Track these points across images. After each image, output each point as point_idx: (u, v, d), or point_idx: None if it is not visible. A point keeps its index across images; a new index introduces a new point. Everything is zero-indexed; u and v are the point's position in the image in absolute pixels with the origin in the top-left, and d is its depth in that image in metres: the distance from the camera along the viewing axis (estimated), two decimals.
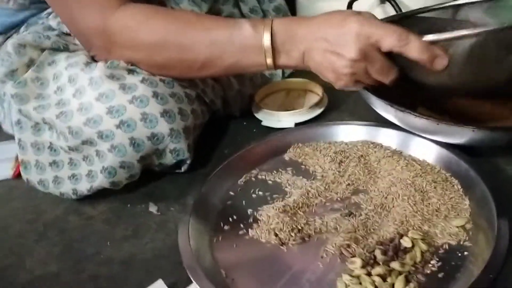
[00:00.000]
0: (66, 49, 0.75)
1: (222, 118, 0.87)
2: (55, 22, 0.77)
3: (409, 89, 0.69)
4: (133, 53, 0.70)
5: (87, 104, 0.67)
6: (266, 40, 0.65)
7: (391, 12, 0.92)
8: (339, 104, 0.88)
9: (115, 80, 0.68)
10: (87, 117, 0.67)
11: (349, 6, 0.90)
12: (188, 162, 0.74)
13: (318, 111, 0.85)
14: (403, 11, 0.90)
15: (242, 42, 0.67)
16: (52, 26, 0.77)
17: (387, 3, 0.93)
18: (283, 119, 0.84)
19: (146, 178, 0.73)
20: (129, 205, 0.71)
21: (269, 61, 0.67)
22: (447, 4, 0.80)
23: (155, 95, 0.68)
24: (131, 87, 0.68)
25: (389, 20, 0.83)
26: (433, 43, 0.61)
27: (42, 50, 0.75)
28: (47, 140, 0.72)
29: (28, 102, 0.72)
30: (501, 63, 0.62)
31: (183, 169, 0.74)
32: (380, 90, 0.70)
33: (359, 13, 0.65)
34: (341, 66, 0.64)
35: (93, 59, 0.73)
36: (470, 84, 0.65)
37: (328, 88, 0.89)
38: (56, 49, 0.75)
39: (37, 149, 0.73)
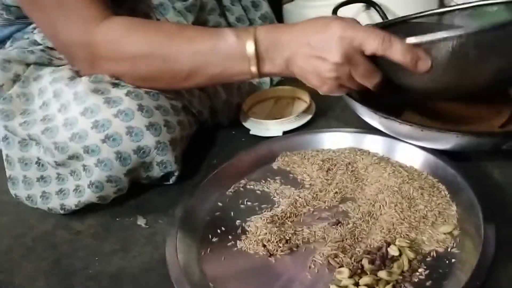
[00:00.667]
0: (50, 63, 0.75)
1: (210, 128, 0.87)
2: (40, 36, 0.76)
3: (395, 93, 0.69)
4: (117, 66, 0.70)
5: (72, 119, 0.67)
6: (250, 48, 0.66)
7: (377, 18, 0.92)
8: (326, 111, 0.88)
9: (99, 94, 0.68)
10: (72, 132, 0.66)
11: (334, 12, 0.90)
12: (176, 174, 0.73)
13: (306, 119, 0.85)
14: (389, 17, 0.91)
15: (226, 51, 0.67)
16: (37, 41, 0.76)
17: (372, 9, 0.93)
18: (271, 128, 0.84)
19: (135, 190, 0.73)
20: (117, 219, 0.71)
21: (254, 69, 0.67)
22: (432, 11, 0.81)
23: (140, 108, 0.68)
24: (116, 101, 0.68)
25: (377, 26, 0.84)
26: (415, 45, 0.61)
27: (27, 65, 0.75)
28: (34, 156, 0.72)
29: (14, 118, 0.71)
30: (483, 65, 0.63)
31: (171, 181, 0.74)
32: (367, 96, 0.70)
33: (342, 18, 0.65)
34: (325, 70, 0.64)
35: (78, 74, 0.73)
36: (453, 86, 0.65)
37: (315, 95, 0.90)
38: (40, 64, 0.75)
39: (25, 164, 0.72)
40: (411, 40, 0.61)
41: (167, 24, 0.77)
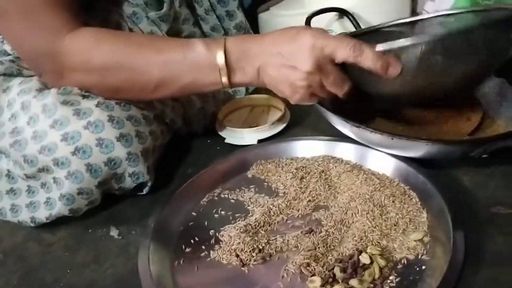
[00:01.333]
0: (20, 74, 0.74)
1: (185, 136, 0.87)
2: (10, 47, 0.75)
3: (365, 101, 0.70)
4: (85, 77, 0.69)
5: (41, 132, 0.66)
6: (220, 59, 0.66)
7: (350, 27, 0.93)
8: (301, 120, 0.88)
9: (69, 106, 0.67)
10: (41, 145, 0.66)
11: (308, 20, 0.90)
12: (149, 184, 0.73)
13: (281, 127, 0.85)
14: (362, 26, 0.92)
15: (196, 62, 0.67)
16: (7, 51, 0.75)
17: (345, 18, 0.94)
18: (246, 136, 0.84)
19: (108, 201, 0.72)
20: (90, 230, 0.70)
21: (224, 79, 0.67)
22: (404, 21, 0.82)
23: (111, 119, 0.68)
24: (86, 112, 0.67)
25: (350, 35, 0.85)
26: (385, 52, 0.63)
27: None
28: (4, 168, 0.71)
29: None
30: (450, 69, 0.64)
31: (144, 191, 0.74)
32: (340, 104, 0.71)
33: (312, 28, 0.66)
34: (297, 79, 0.64)
35: (46, 85, 0.72)
36: (422, 90, 0.67)
37: (290, 103, 0.91)
38: (10, 75, 0.74)
39: None
40: (381, 47, 0.62)
41: (136, 35, 0.76)
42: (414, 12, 1.04)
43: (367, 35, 0.83)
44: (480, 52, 0.64)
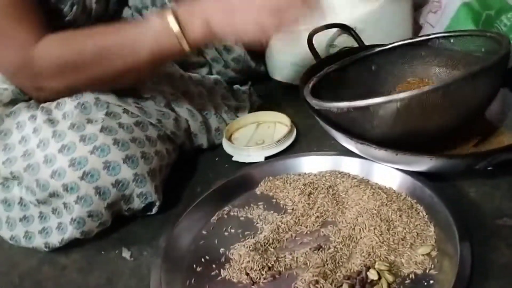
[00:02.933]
0: (25, 100, 0.76)
1: (192, 155, 0.88)
2: None
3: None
4: (62, 80, 0.71)
5: (51, 156, 0.68)
6: (172, 21, 0.68)
7: (353, 42, 0.94)
8: (307, 135, 0.89)
9: (75, 130, 0.69)
10: (52, 169, 0.67)
11: (310, 37, 0.91)
12: (157, 204, 0.74)
13: (287, 143, 0.86)
14: (364, 41, 0.93)
15: (154, 32, 0.69)
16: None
17: (348, 34, 0.95)
18: (253, 154, 0.85)
19: (119, 223, 0.74)
20: (102, 252, 0.71)
21: (182, 41, 0.69)
22: (406, 41, 0.84)
23: (116, 142, 0.69)
24: (91, 138, 0.69)
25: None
26: (364, 108, 0.65)
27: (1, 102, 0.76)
28: (16, 196, 0.73)
29: None
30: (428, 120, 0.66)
31: (153, 211, 0.75)
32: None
33: None
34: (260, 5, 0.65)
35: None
36: (408, 136, 0.68)
37: (296, 119, 0.92)
38: (15, 100, 0.76)
39: (8, 205, 0.73)
40: (361, 103, 0.65)
41: (95, 27, 0.76)
42: (416, 24, 1.04)
43: (370, 52, 0.85)
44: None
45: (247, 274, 0.61)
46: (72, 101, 0.73)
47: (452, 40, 0.79)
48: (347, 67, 0.83)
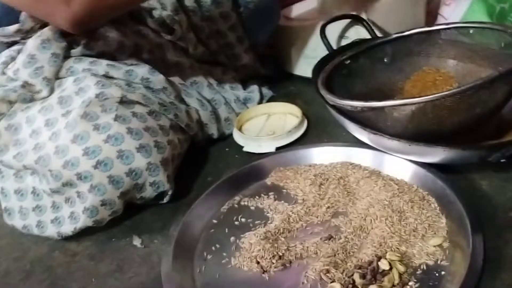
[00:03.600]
0: (32, 99, 0.76)
1: (203, 145, 0.88)
2: (12, 71, 0.77)
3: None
4: None
5: (63, 146, 0.68)
6: None
7: (365, 34, 0.93)
8: (318, 126, 0.89)
9: (88, 120, 0.69)
10: (65, 159, 0.68)
11: (323, 28, 0.91)
12: (169, 193, 0.74)
13: (298, 134, 0.86)
14: (376, 33, 0.92)
15: None
16: (12, 76, 0.77)
17: (361, 25, 0.94)
18: (264, 144, 0.85)
19: (130, 211, 0.74)
20: (113, 239, 0.72)
21: None
22: (421, 30, 0.83)
23: (130, 131, 0.70)
24: (105, 127, 0.69)
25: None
26: (379, 108, 0.65)
27: (10, 102, 0.76)
28: (30, 185, 0.74)
29: (7, 152, 0.73)
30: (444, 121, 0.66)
31: (165, 200, 0.75)
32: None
33: None
34: None
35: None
36: (421, 136, 0.67)
37: (307, 110, 0.92)
38: (23, 101, 0.76)
39: (21, 195, 0.74)
40: (375, 104, 0.65)
41: None
42: (429, 16, 1.04)
43: (383, 43, 0.84)
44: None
45: (258, 262, 0.61)
46: (85, 93, 0.73)
47: (471, 31, 0.78)
48: (361, 55, 0.83)
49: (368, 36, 0.92)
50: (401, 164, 0.71)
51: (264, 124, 0.92)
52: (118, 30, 0.82)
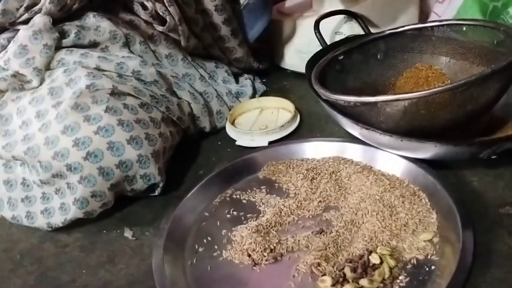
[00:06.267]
0: (22, 88, 0.75)
1: (196, 138, 0.88)
2: (3, 61, 0.77)
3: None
4: None
5: (53, 137, 0.68)
6: None
7: (359, 30, 0.94)
8: (310, 122, 0.89)
9: (79, 111, 0.69)
10: (54, 150, 0.67)
11: (317, 23, 0.91)
12: (160, 185, 0.74)
13: (291, 128, 0.86)
14: (370, 29, 0.92)
15: None
16: (2, 66, 0.76)
17: (354, 21, 0.94)
18: (257, 138, 0.85)
19: (121, 203, 0.74)
20: (104, 231, 0.71)
21: None
22: (414, 27, 0.83)
23: (121, 122, 0.69)
24: (96, 118, 0.68)
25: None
26: (372, 103, 0.65)
27: (0, 91, 0.75)
28: (19, 176, 0.73)
29: None
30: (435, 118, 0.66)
31: (156, 192, 0.75)
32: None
33: None
34: None
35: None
36: (413, 132, 0.67)
37: (300, 105, 0.92)
38: (13, 90, 0.75)
39: (10, 186, 0.73)
40: (368, 99, 0.65)
41: None
42: (422, 13, 1.04)
43: (377, 39, 0.84)
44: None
45: (249, 255, 0.61)
46: (76, 84, 0.73)
47: (464, 28, 0.78)
48: (354, 50, 0.83)
49: (361, 32, 0.92)
50: (392, 159, 0.72)
51: (257, 119, 0.92)
52: (110, 20, 0.81)
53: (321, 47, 0.90)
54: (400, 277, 0.55)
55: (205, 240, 0.66)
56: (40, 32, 0.76)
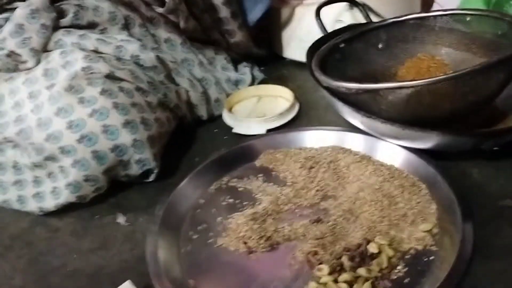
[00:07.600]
0: (16, 69, 0.74)
1: (191, 126, 0.87)
2: None
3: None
4: None
5: (46, 119, 0.66)
6: None
7: (360, 18, 0.92)
8: (309, 110, 0.88)
9: (73, 93, 0.67)
10: (47, 133, 0.66)
11: (318, 11, 0.90)
12: (155, 171, 0.73)
13: (289, 117, 0.85)
14: (372, 17, 0.91)
15: None
16: None
17: (356, 9, 0.93)
18: (254, 126, 0.83)
19: (114, 188, 0.72)
20: (97, 216, 0.70)
21: None
22: (417, 16, 0.82)
23: (116, 106, 0.68)
24: (90, 100, 0.67)
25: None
26: (374, 90, 0.64)
27: None
28: (11, 159, 0.71)
29: None
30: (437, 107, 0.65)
31: (151, 178, 0.73)
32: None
33: None
34: None
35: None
36: (414, 121, 0.66)
37: (299, 94, 0.90)
38: (7, 70, 0.73)
39: (1, 169, 0.72)
40: (371, 86, 0.64)
41: None
42: (425, 3, 1.03)
43: (378, 28, 0.83)
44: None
45: (245, 243, 0.60)
46: (72, 66, 0.71)
47: (468, 19, 0.77)
48: (356, 39, 0.82)
49: (363, 21, 0.91)
50: (392, 149, 0.70)
51: (255, 106, 0.91)
52: (110, 1, 0.79)
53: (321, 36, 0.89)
54: (399, 267, 0.54)
55: (199, 227, 0.64)
56: (37, 11, 0.74)
